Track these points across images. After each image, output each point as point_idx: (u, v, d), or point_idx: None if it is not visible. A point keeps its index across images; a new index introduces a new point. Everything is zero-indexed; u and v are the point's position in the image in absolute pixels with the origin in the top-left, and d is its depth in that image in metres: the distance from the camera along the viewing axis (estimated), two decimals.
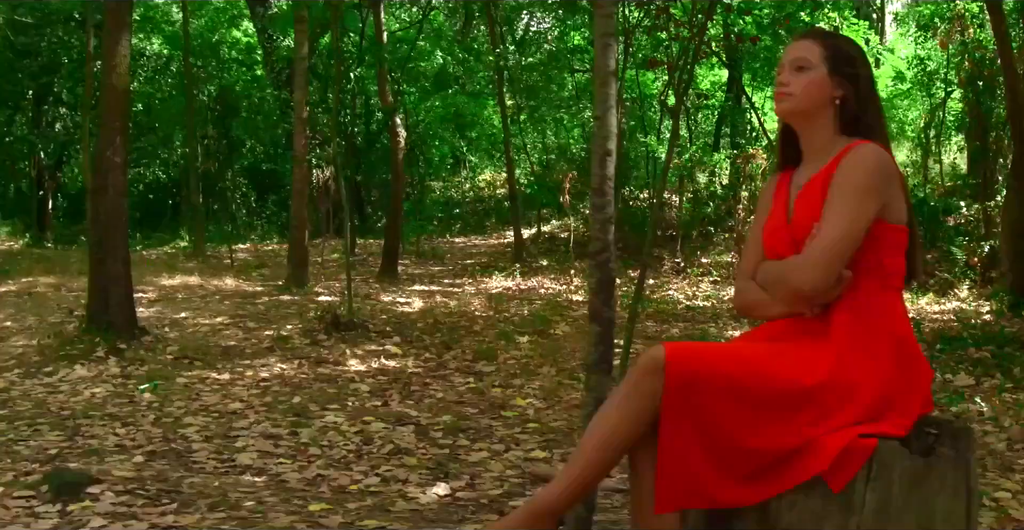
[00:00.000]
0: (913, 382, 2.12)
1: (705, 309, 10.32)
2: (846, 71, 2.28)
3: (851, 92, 2.27)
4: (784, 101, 2.30)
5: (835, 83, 2.27)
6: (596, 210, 2.62)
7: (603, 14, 2.60)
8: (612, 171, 2.60)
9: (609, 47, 2.59)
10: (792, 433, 1.99)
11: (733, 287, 2.51)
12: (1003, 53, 7.99)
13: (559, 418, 5.58)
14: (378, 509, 3.68)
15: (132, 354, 6.93)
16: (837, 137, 2.27)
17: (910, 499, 1.97)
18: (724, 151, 17.01)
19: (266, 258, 16.77)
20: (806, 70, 2.28)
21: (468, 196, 24.08)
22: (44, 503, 3.56)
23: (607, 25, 2.60)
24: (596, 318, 2.69)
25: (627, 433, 2.06)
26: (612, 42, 2.59)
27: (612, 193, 2.63)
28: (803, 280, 2.12)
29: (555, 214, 19.89)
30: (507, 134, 16.60)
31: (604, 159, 2.60)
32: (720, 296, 11.74)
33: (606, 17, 2.60)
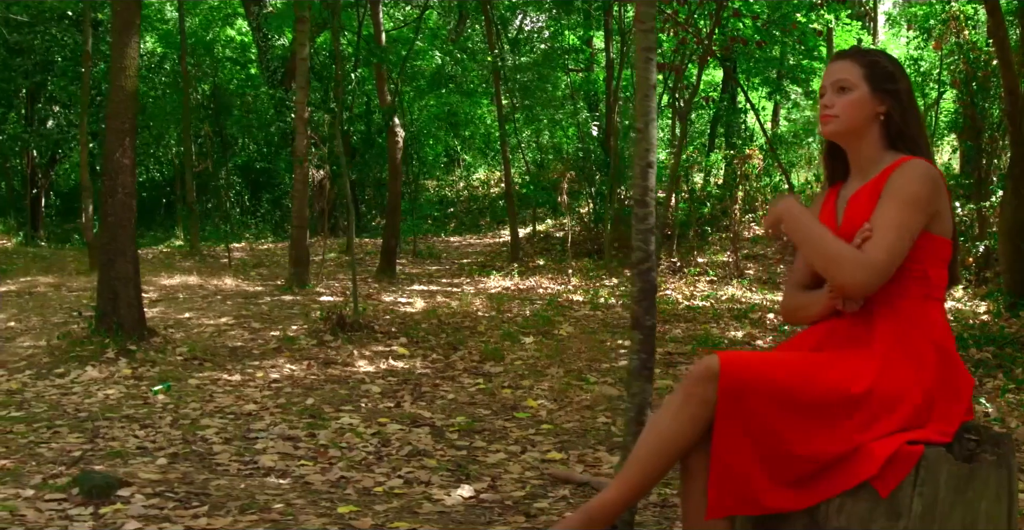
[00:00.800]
0: (955, 390, 2.18)
1: (705, 309, 10.38)
2: (887, 87, 2.33)
3: (893, 107, 2.33)
4: (830, 123, 2.36)
5: (877, 100, 2.33)
6: (638, 220, 2.68)
7: (644, 29, 2.65)
8: (654, 182, 2.65)
9: (650, 61, 2.65)
10: (841, 439, 2.05)
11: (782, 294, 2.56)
12: (1001, 55, 8.06)
13: (571, 419, 5.63)
14: (405, 511, 3.73)
15: (142, 355, 6.96)
16: (884, 152, 2.34)
17: (955, 503, 2.03)
18: (719, 151, 17.09)
19: (263, 257, 16.80)
20: (848, 91, 2.35)
21: (462, 195, 24.14)
22: (76, 505, 3.60)
23: (648, 40, 2.65)
24: (638, 326, 2.75)
25: (681, 439, 2.12)
26: (653, 56, 2.64)
27: (654, 203, 2.68)
28: (854, 278, 2.16)
29: (550, 213, 19.98)
30: (503, 133, 16.65)
31: (646, 171, 2.65)
32: (718, 296, 11.81)
33: (646, 32, 2.65)
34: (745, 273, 14.15)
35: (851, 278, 2.16)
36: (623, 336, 8.54)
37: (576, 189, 17.42)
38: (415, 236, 17.80)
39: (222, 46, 22.98)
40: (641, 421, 2.80)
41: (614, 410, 5.85)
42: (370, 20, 14.33)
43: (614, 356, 7.67)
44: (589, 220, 16.93)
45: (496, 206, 22.80)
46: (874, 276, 2.15)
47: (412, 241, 17.54)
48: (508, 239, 18.35)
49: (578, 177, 16.55)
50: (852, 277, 2.16)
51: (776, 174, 17.34)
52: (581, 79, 20.22)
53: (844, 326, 2.26)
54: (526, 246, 17.23)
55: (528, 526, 3.58)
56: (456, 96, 22.11)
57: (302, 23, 11.38)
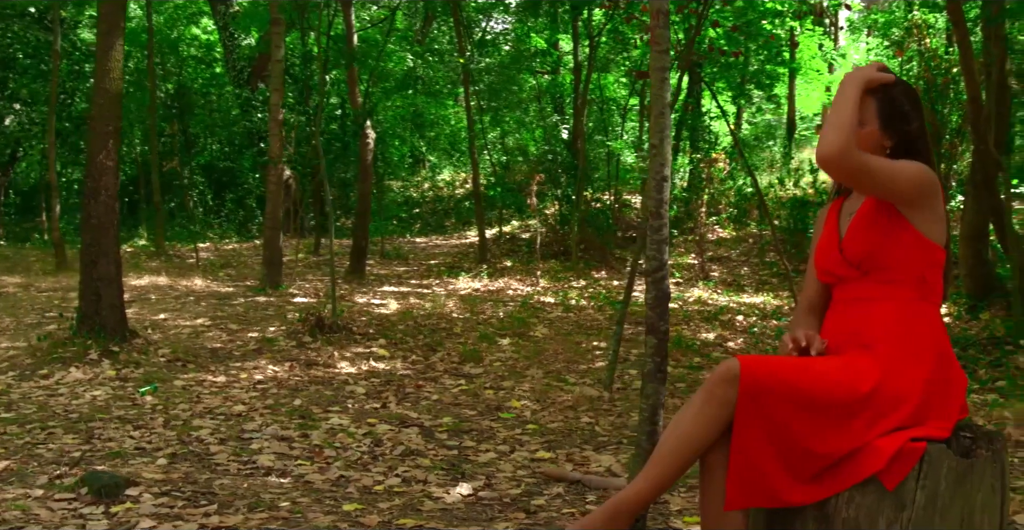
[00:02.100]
0: (952, 388, 2.35)
1: (674, 311, 10.56)
2: (898, 127, 2.46)
3: (899, 143, 2.45)
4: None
5: (886, 136, 2.47)
6: (653, 231, 2.82)
7: (659, 50, 2.79)
8: (668, 195, 2.79)
9: (665, 81, 2.79)
10: (851, 436, 2.21)
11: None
12: (965, 64, 8.31)
13: (555, 420, 5.77)
14: (409, 509, 3.85)
15: (125, 357, 7.00)
16: None
17: (954, 495, 2.19)
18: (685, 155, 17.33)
19: (230, 257, 16.77)
20: (861, 125, 2.45)
21: (427, 196, 24.19)
22: (86, 505, 3.68)
23: (662, 59, 2.79)
24: (652, 331, 2.89)
25: (703, 437, 2.27)
26: (667, 76, 2.78)
27: (668, 215, 2.82)
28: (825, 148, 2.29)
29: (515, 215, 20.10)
30: (472, 135, 16.76)
31: (661, 184, 2.79)
32: (685, 298, 12.00)
33: (662, 52, 2.79)
34: (710, 275, 14.37)
35: (825, 146, 2.29)
36: (597, 338, 8.70)
37: (542, 191, 17.57)
38: (382, 237, 17.85)
39: (187, 45, 22.87)
40: (655, 421, 2.94)
41: (596, 410, 6.01)
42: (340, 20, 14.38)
43: (590, 358, 7.82)
44: (555, 222, 17.09)
45: (461, 207, 22.88)
46: (834, 149, 2.28)
47: (380, 242, 17.59)
48: (474, 240, 18.46)
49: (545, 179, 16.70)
50: (825, 146, 2.29)
51: (740, 177, 17.62)
52: (548, 82, 20.38)
53: (852, 329, 2.41)
54: (493, 247, 17.34)
55: (529, 522, 3.71)
56: (422, 97, 22.19)
57: (276, 25, 11.41)
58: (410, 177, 25.06)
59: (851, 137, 2.28)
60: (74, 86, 19.89)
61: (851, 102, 2.33)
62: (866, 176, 2.30)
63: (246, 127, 20.84)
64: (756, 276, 14.39)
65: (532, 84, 21.29)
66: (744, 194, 17.36)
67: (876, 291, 2.42)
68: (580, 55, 17.56)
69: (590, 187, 17.71)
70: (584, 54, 17.33)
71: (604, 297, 11.66)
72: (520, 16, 20.61)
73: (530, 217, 18.37)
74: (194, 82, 22.61)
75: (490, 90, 20.19)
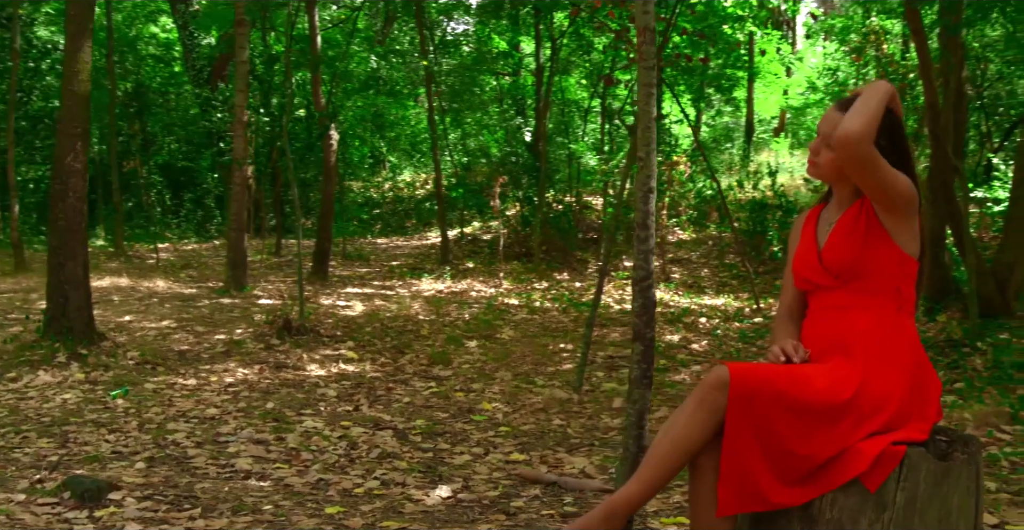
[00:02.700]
0: (928, 392, 2.46)
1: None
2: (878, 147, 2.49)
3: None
4: (813, 169, 2.62)
5: None
6: (640, 242, 2.91)
7: (646, 66, 2.88)
8: (654, 206, 2.88)
9: (651, 95, 2.88)
10: (835, 440, 2.31)
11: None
12: (923, 72, 8.50)
13: (527, 422, 5.85)
14: (390, 511, 3.91)
15: (94, 359, 6.98)
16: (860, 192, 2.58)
17: (933, 497, 2.30)
18: None
19: (190, 258, 16.66)
20: (832, 148, 2.54)
21: (388, 197, 24.17)
22: (70, 509, 3.70)
23: (649, 76, 2.88)
24: (639, 338, 2.97)
25: (694, 441, 2.36)
26: (654, 91, 2.87)
27: (654, 226, 2.91)
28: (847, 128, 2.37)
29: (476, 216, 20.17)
30: (434, 136, 16.80)
31: (647, 196, 2.88)
32: None
33: (648, 69, 2.88)
34: (671, 277, 14.52)
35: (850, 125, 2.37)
36: (563, 340, 8.80)
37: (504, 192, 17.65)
38: (344, 238, 17.83)
39: (145, 43, 22.67)
40: (641, 425, 3.03)
41: (567, 413, 6.09)
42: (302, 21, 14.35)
43: (557, 360, 7.91)
44: (517, 224, 17.18)
45: (422, 208, 22.89)
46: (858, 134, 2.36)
47: (341, 243, 17.57)
48: (435, 241, 18.50)
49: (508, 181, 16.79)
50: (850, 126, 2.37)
51: (700, 180, 17.82)
52: (509, 83, 20.46)
53: (832, 337, 2.51)
54: (454, 248, 17.39)
55: (510, 524, 3.79)
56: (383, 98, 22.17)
57: (241, 26, 11.38)
58: (370, 178, 25.01)
59: (874, 127, 2.36)
60: (31, 84, 19.65)
61: (880, 100, 2.42)
62: (872, 168, 2.38)
63: (206, 127, 20.70)
64: (716, 278, 14.56)
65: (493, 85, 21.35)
66: (704, 197, 17.55)
67: (854, 300, 2.53)
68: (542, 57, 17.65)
69: (552, 189, 17.81)
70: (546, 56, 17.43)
71: (568, 299, 11.77)
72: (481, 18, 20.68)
73: (492, 218, 18.44)
74: (152, 81, 22.42)
75: (452, 91, 20.22)
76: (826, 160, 2.58)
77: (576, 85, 20.47)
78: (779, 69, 22.33)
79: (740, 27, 16.09)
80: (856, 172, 2.43)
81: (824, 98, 19.61)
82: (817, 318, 2.59)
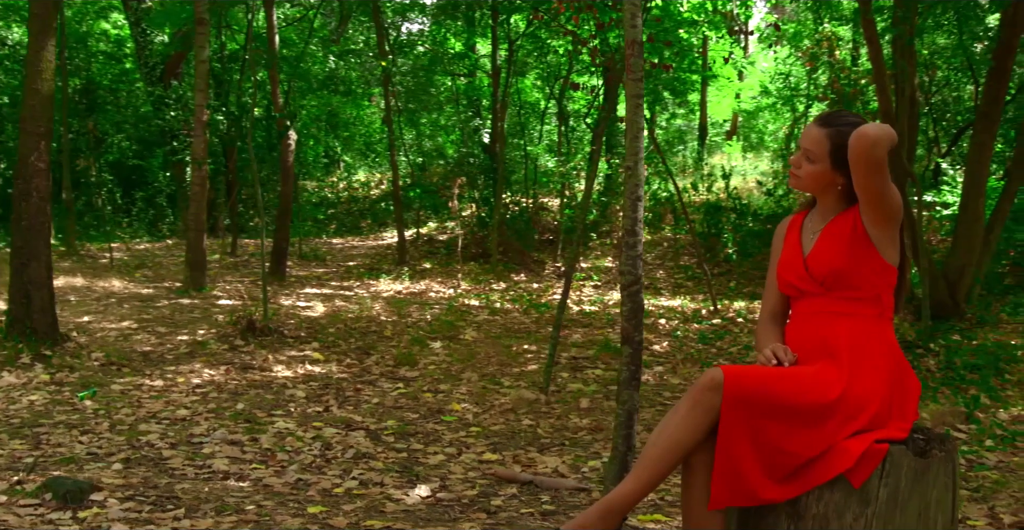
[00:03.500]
0: (908, 393, 2.58)
1: (595, 314, 10.79)
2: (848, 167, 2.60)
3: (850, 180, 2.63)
4: (794, 181, 2.73)
5: (838, 173, 2.66)
6: (628, 247, 3.00)
7: (633, 78, 2.97)
8: (642, 214, 2.97)
9: (639, 107, 2.97)
10: (822, 439, 2.42)
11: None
12: (878, 79, 8.71)
13: (496, 422, 5.92)
14: (372, 510, 3.96)
15: (59, 360, 6.94)
16: (844, 203, 2.69)
17: (913, 492, 2.42)
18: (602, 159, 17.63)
19: (144, 258, 16.48)
20: (812, 162, 2.67)
21: (342, 197, 24.10)
22: (53, 510, 3.71)
23: (636, 88, 2.97)
24: (628, 341, 3.06)
25: (689, 441, 2.45)
26: (641, 102, 2.96)
27: (642, 233, 3.00)
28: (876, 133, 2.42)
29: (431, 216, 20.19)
30: (392, 136, 16.80)
31: (636, 204, 2.97)
32: (605, 301, 12.24)
33: (636, 81, 2.97)
34: None
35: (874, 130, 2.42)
36: (526, 341, 8.88)
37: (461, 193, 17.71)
38: (300, 238, 17.76)
39: (96, 39, 22.38)
40: (631, 425, 3.12)
41: (536, 413, 6.18)
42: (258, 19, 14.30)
43: (522, 361, 7.99)
44: (474, 224, 17.24)
45: (377, 208, 22.86)
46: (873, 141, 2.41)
47: (297, 243, 17.50)
48: (391, 242, 18.51)
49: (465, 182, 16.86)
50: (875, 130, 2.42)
51: (655, 181, 18.02)
52: (465, 84, 20.52)
53: (816, 341, 2.62)
54: (411, 249, 17.40)
55: (492, 522, 3.86)
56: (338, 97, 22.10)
57: (201, 25, 11.31)
58: (325, 178, 24.92)
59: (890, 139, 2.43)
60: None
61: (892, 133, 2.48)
62: (879, 173, 2.46)
63: (159, 125, 20.49)
64: (672, 279, 14.75)
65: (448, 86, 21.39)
66: (658, 199, 17.75)
67: (838, 306, 2.64)
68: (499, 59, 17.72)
69: (508, 190, 17.90)
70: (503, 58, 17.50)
71: (527, 300, 11.85)
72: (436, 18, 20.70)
73: (449, 219, 18.49)
74: (103, 78, 22.15)
75: (408, 92, 20.22)
76: (807, 173, 2.69)
77: (532, 87, 20.57)
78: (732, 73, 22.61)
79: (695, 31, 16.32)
80: (864, 173, 2.48)
81: (776, 102, 19.89)
82: (801, 322, 2.70)
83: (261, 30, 18.29)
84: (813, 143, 2.67)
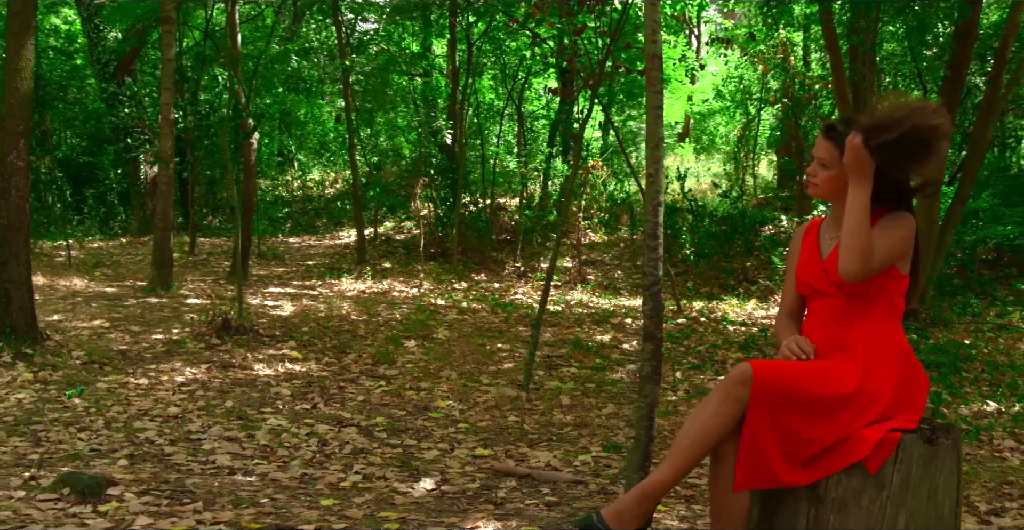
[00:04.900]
0: (918, 387, 2.79)
1: (564, 314, 10.97)
2: None
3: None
4: (811, 189, 2.93)
5: None
6: (649, 250, 3.17)
7: (654, 90, 3.14)
8: (662, 218, 3.14)
9: (659, 117, 3.14)
10: (840, 428, 2.62)
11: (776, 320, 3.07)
12: (837, 85, 9.01)
13: (483, 419, 6.07)
14: (383, 503, 4.09)
15: (40, 359, 6.95)
16: None
17: (923, 477, 2.62)
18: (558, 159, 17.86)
19: (100, 256, 16.36)
20: (826, 168, 2.87)
21: (297, 195, 24.04)
22: (73, 505, 3.78)
23: (657, 99, 3.14)
24: (649, 338, 3.23)
25: (720, 430, 2.64)
26: (661, 113, 3.13)
27: (662, 236, 3.17)
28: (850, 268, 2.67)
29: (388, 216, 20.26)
30: (352, 135, 16.85)
31: (656, 209, 3.15)
32: (567, 301, 12.44)
33: (656, 92, 3.14)
34: (587, 279, 14.89)
35: (849, 271, 2.69)
36: (500, 340, 9.03)
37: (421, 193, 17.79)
38: (258, 237, 17.72)
39: (45, 35, 22.07)
40: (651, 417, 3.29)
41: (520, 410, 6.34)
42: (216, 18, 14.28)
43: (497, 359, 8.14)
44: (434, 224, 17.34)
45: (333, 207, 22.85)
46: (860, 274, 2.69)
47: (256, 242, 17.46)
48: (348, 241, 18.55)
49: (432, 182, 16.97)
50: (849, 271, 2.69)
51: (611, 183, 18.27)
52: (423, 85, 20.60)
53: (833, 338, 2.82)
54: (369, 249, 17.45)
55: (500, 512, 4.01)
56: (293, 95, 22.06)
57: (168, 23, 11.30)
58: (279, 177, 24.84)
59: (870, 261, 2.69)
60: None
61: (865, 227, 2.69)
62: (880, 269, 2.74)
63: (112, 122, 20.29)
64: (630, 280, 14.97)
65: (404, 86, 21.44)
66: (615, 200, 17.99)
67: (852, 307, 2.83)
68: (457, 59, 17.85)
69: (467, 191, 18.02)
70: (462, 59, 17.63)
71: (493, 299, 12.00)
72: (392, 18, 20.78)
73: (408, 218, 18.57)
74: (53, 74, 21.87)
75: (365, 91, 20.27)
76: (823, 180, 2.89)
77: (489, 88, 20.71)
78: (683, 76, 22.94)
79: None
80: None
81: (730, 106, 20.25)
82: (818, 321, 2.89)
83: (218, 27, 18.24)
84: (823, 151, 2.87)
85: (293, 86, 19.78)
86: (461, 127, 17.07)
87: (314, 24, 23.36)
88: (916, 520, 2.61)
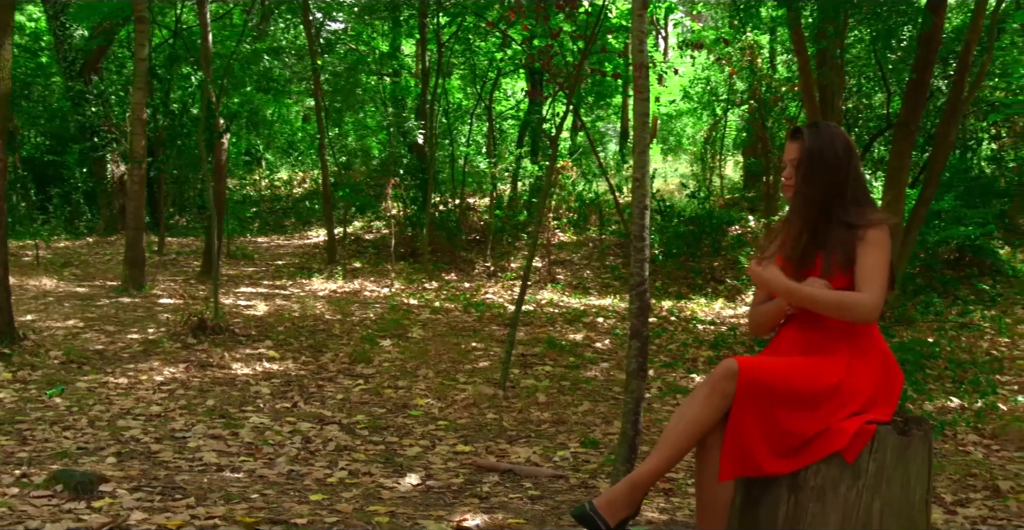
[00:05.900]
0: (893, 383, 2.93)
1: (535, 313, 11.07)
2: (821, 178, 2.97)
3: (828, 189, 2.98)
4: (788, 191, 3.07)
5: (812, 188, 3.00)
6: (636, 251, 3.29)
7: (642, 98, 3.26)
8: (648, 221, 3.26)
9: (645, 124, 3.26)
10: (820, 420, 2.76)
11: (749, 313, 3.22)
12: (805, 88, 9.19)
13: (462, 416, 6.18)
14: (370, 497, 4.19)
15: (19, 359, 6.98)
16: None
17: (896, 466, 2.76)
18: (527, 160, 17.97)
19: (68, 256, 16.29)
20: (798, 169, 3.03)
21: (265, 195, 24.01)
22: (67, 501, 3.85)
23: (644, 107, 3.26)
24: (636, 335, 3.35)
25: (707, 422, 2.78)
26: (647, 120, 3.24)
27: (649, 238, 3.29)
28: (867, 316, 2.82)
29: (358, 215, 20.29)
30: (322, 135, 16.88)
31: (643, 212, 3.26)
32: (538, 300, 12.55)
33: (643, 100, 3.26)
34: (556, 278, 15.02)
35: (864, 316, 2.84)
36: (474, 339, 9.13)
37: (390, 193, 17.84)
38: (228, 237, 17.70)
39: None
40: (638, 411, 3.41)
41: (497, 408, 6.45)
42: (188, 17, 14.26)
43: (473, 358, 8.25)
44: (404, 224, 17.41)
45: (301, 207, 22.84)
46: (877, 311, 2.85)
47: (226, 242, 17.44)
48: (317, 240, 18.58)
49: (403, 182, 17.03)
50: (865, 315, 2.84)
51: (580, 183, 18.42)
52: (392, 85, 20.66)
53: (812, 341, 2.95)
54: (339, 248, 17.49)
55: (486, 506, 4.12)
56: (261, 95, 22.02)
57: (141, 23, 11.29)
58: (247, 176, 24.79)
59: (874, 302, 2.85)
60: None
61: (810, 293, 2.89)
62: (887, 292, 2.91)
63: (78, 121, 20.17)
64: (599, 279, 15.13)
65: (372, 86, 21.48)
66: (585, 200, 18.14)
67: None
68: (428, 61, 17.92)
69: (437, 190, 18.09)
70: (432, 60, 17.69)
71: (465, 299, 12.10)
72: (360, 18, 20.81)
73: (377, 218, 18.61)
74: (17, 71, 21.68)
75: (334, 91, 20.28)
76: (797, 181, 3.04)
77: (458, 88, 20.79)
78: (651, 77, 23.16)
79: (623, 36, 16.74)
80: None
81: (696, 107, 20.45)
82: (801, 322, 3.02)
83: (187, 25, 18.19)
84: (793, 153, 3.04)
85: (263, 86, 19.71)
86: (431, 127, 17.15)
87: (283, 23, 23.34)
88: (890, 507, 2.75)
